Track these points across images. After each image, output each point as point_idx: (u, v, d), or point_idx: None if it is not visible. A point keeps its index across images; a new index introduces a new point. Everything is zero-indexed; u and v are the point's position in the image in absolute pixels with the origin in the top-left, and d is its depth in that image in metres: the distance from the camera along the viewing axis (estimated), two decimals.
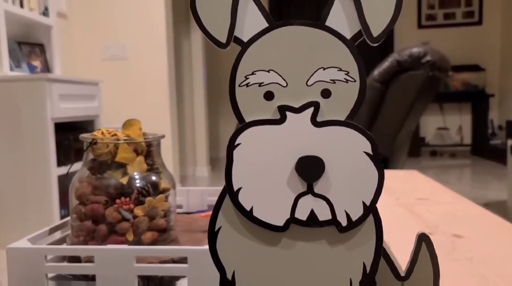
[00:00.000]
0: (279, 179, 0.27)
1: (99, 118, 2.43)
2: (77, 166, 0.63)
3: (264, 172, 0.27)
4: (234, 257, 0.28)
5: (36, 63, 2.35)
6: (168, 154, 2.93)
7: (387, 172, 1.12)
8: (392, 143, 1.84)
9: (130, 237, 0.57)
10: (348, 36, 0.28)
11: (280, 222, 0.27)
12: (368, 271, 0.27)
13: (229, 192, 0.28)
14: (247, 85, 0.28)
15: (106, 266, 0.51)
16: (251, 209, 0.27)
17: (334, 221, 0.27)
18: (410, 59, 1.70)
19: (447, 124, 5.43)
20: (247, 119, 0.28)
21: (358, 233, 0.27)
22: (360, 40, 0.28)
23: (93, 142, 0.58)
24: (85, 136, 0.60)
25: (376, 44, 0.28)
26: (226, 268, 0.28)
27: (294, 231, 0.27)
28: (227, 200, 0.28)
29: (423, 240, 0.30)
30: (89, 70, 2.89)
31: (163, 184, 0.62)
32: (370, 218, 0.27)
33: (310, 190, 0.27)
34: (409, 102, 1.77)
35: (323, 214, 0.27)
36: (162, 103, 2.99)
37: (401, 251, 0.30)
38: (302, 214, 0.27)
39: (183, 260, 0.52)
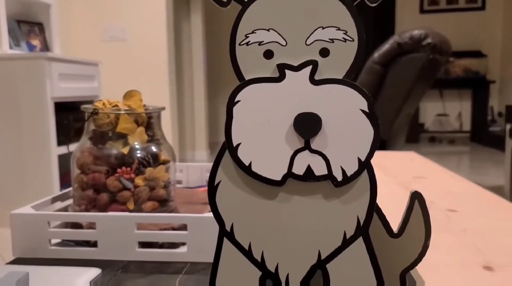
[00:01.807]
0: (277, 135, 0.28)
1: (98, 99, 2.43)
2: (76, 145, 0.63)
3: (263, 128, 0.28)
4: (233, 210, 0.29)
5: (35, 42, 2.34)
6: (167, 137, 2.94)
7: (385, 153, 1.12)
8: (391, 126, 1.84)
9: (130, 206, 0.58)
10: None
11: (277, 177, 0.28)
12: (361, 225, 0.28)
13: (229, 148, 0.28)
14: (247, 43, 0.29)
15: (108, 233, 0.52)
16: (250, 164, 0.28)
17: (330, 176, 0.28)
18: (411, 41, 1.69)
19: (447, 111, 5.43)
20: (247, 77, 0.29)
21: (353, 188, 0.28)
22: (359, 0, 0.29)
23: (94, 112, 0.59)
24: (86, 107, 0.61)
25: (375, 4, 0.29)
26: (225, 221, 0.29)
27: (291, 186, 0.28)
28: (226, 155, 0.29)
29: (416, 198, 0.31)
30: (88, 51, 2.87)
31: (163, 156, 0.63)
32: (365, 174, 0.28)
33: (307, 146, 0.28)
34: (408, 85, 1.77)
35: (319, 169, 0.28)
36: (161, 85, 2.99)
37: (396, 226, 0.31)
38: (299, 169, 0.28)
39: (182, 230, 0.54)
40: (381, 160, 1.18)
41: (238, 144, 0.28)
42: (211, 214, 0.54)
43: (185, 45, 4.06)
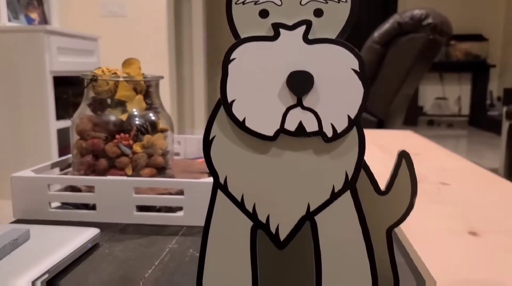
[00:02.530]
0: (271, 92, 0.29)
1: None
2: None
3: (257, 85, 0.29)
4: (227, 163, 0.30)
5: (34, 15, 2.32)
6: None
7: (382, 132, 1.13)
8: (389, 106, 1.85)
9: (129, 171, 0.60)
10: None
11: (270, 132, 0.29)
12: (349, 179, 0.29)
13: (224, 104, 0.29)
14: (243, 2, 0.30)
15: (106, 196, 0.54)
16: (244, 119, 0.29)
17: (320, 132, 0.29)
18: (412, 21, 1.69)
19: (446, 94, 5.42)
20: (242, 35, 0.30)
21: (342, 144, 0.29)
22: None
23: (94, 79, 0.60)
24: (86, 74, 0.61)
25: None
26: (219, 173, 0.30)
27: (283, 141, 0.29)
28: (221, 111, 0.30)
29: (403, 157, 0.32)
30: (87, 26, 2.85)
31: (162, 125, 0.64)
32: (354, 131, 0.29)
33: (299, 103, 0.29)
34: (407, 65, 1.77)
35: (311, 125, 0.29)
36: (160, 63, 2.97)
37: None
38: (291, 125, 0.29)
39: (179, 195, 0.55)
40: (378, 138, 1.20)
41: (233, 101, 0.29)
42: (207, 180, 0.55)
43: (185, 21, 4.02)
